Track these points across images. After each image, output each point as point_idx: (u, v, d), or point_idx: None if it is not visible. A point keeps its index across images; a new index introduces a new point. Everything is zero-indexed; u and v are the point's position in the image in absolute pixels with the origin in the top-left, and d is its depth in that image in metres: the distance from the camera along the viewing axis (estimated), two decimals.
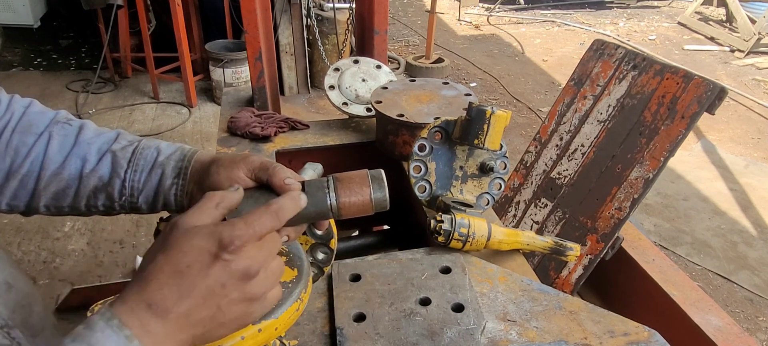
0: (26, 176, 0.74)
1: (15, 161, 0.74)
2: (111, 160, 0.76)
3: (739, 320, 2.93)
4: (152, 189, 0.77)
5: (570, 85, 1.85)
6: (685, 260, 3.37)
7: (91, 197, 0.77)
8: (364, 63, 1.82)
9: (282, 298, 0.64)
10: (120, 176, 0.76)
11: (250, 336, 0.60)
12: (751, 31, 6.99)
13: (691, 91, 1.47)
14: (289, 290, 0.65)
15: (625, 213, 1.53)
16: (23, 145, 0.74)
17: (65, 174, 0.75)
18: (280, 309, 0.63)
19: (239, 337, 0.60)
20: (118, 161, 0.76)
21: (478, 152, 1.25)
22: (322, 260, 0.91)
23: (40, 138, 0.75)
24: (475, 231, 1.12)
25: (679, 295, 1.40)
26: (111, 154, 0.77)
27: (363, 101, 1.73)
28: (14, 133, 0.74)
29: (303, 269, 0.70)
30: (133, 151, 0.78)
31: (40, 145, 0.75)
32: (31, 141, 0.74)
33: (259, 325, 0.61)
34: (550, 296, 1.03)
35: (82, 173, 0.76)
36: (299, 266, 0.70)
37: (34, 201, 0.76)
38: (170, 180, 0.76)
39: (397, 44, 7.42)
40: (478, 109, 1.13)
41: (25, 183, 0.75)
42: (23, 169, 0.74)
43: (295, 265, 0.70)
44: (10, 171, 0.74)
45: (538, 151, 1.88)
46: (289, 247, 0.73)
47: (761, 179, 4.31)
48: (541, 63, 6.87)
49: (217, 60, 4.85)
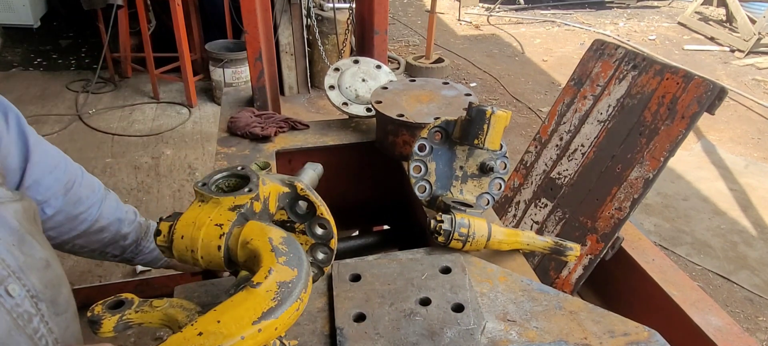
0: (80, 222, 1.02)
1: (77, 208, 1.00)
2: (136, 230, 1.14)
3: (739, 320, 2.93)
4: (153, 256, 1.18)
5: (570, 85, 1.85)
6: (685, 260, 3.37)
7: (111, 247, 1.10)
8: (364, 63, 1.82)
9: (282, 297, 0.64)
10: (137, 242, 1.14)
11: (249, 336, 0.60)
12: (751, 31, 6.99)
13: (691, 91, 1.47)
14: (289, 289, 0.65)
15: (625, 213, 1.53)
16: (86, 198, 1.02)
17: (109, 229, 1.07)
18: (280, 309, 0.63)
19: (239, 337, 0.59)
20: (139, 231, 1.14)
21: (478, 152, 1.25)
22: (322, 260, 0.91)
23: (97, 197, 1.05)
24: (475, 231, 1.12)
25: (679, 295, 1.40)
26: (137, 225, 1.14)
27: (363, 101, 1.73)
28: (81, 186, 1.02)
29: (302, 268, 0.70)
30: (148, 227, 1.17)
31: (96, 203, 1.05)
32: (92, 197, 1.04)
33: (258, 325, 0.61)
34: (550, 296, 1.03)
35: (119, 231, 1.10)
36: (299, 266, 0.70)
37: (72, 239, 1.03)
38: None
39: (397, 44, 7.42)
40: (478, 109, 1.13)
41: (77, 226, 1.02)
42: (81, 216, 1.01)
43: (294, 265, 0.70)
44: (71, 214, 1.00)
45: (538, 151, 1.88)
46: (288, 246, 0.73)
47: (761, 179, 4.31)
48: (541, 63, 6.87)
49: (217, 60, 4.85)
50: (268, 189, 0.85)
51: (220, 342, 0.58)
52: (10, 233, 0.72)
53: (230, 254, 0.75)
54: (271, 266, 0.68)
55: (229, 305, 0.63)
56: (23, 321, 0.69)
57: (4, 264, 0.68)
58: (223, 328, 0.60)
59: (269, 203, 0.86)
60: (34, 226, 0.80)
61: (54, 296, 0.77)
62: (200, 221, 0.76)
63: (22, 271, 0.71)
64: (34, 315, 0.71)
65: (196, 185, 0.81)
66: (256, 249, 0.72)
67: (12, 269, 0.69)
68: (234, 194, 0.79)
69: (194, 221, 0.76)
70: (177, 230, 0.76)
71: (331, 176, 1.59)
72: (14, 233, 0.73)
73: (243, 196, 0.78)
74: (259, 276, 0.66)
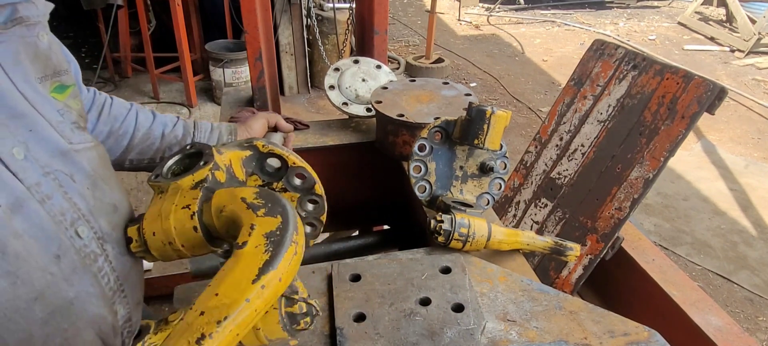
0: (122, 135, 1.06)
1: (114, 125, 1.05)
2: (183, 126, 1.15)
3: (739, 320, 2.93)
4: (214, 143, 1.14)
5: (570, 85, 1.85)
6: (685, 260, 3.37)
7: (167, 150, 1.12)
8: (364, 63, 1.82)
9: (274, 248, 0.60)
10: (190, 134, 1.14)
11: (254, 297, 0.57)
12: (751, 31, 6.99)
13: (691, 91, 1.47)
14: (278, 237, 0.62)
15: (625, 213, 1.53)
16: (120, 114, 1.07)
17: (153, 134, 1.10)
18: (276, 259, 0.59)
19: (244, 301, 0.56)
20: (187, 127, 1.15)
21: (478, 152, 1.25)
22: (313, 210, 0.86)
23: (130, 110, 1.09)
24: (475, 231, 1.12)
25: (679, 295, 1.40)
26: (182, 122, 1.15)
27: (363, 101, 1.73)
28: (112, 106, 1.06)
29: (286, 212, 0.65)
30: (194, 123, 1.18)
31: (131, 114, 1.09)
32: (124, 111, 1.08)
33: (260, 282, 0.57)
34: (550, 296, 1.03)
35: (164, 133, 1.11)
36: (281, 212, 0.65)
37: (124, 154, 1.08)
38: (226, 137, 1.18)
39: (397, 44, 7.42)
40: (478, 109, 1.13)
41: (121, 140, 1.06)
42: (121, 130, 1.06)
43: (275, 212, 0.65)
44: (110, 131, 1.04)
45: (538, 151, 1.88)
46: (264, 198, 0.68)
47: (761, 179, 4.31)
48: (541, 63, 6.87)
49: (217, 60, 4.85)
50: (227, 157, 0.81)
51: (226, 313, 0.55)
52: (85, 177, 0.77)
53: (209, 230, 0.72)
54: (251, 222, 0.64)
55: (221, 276, 0.59)
56: (89, 260, 0.74)
57: (76, 208, 0.73)
58: (224, 298, 0.56)
59: (234, 170, 0.82)
60: (107, 171, 0.84)
61: (120, 237, 0.81)
62: (165, 211, 0.73)
63: (91, 214, 0.76)
64: (99, 255, 0.76)
65: (149, 179, 0.79)
66: (232, 212, 0.69)
67: (82, 212, 0.74)
68: (190, 172, 0.75)
69: (159, 213, 0.74)
70: (146, 229, 0.74)
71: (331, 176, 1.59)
72: (88, 177, 0.77)
73: (200, 170, 0.75)
74: (243, 236, 0.63)
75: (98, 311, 0.76)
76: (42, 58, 0.75)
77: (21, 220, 0.65)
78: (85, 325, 0.74)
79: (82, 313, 0.73)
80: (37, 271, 0.66)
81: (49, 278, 0.68)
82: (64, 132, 0.75)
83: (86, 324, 0.74)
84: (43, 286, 0.67)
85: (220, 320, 0.54)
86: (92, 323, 0.75)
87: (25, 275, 0.65)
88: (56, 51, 0.80)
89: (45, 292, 0.68)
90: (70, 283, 0.71)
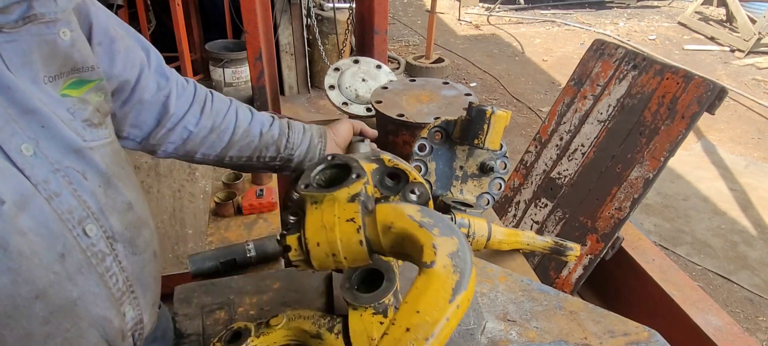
0: (224, 131, 1.05)
1: (216, 120, 1.04)
2: (279, 126, 1.12)
3: (739, 320, 2.93)
4: (306, 145, 1.13)
5: (570, 85, 1.85)
6: (685, 260, 3.37)
7: (264, 149, 1.10)
8: (364, 63, 1.82)
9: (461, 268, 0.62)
10: (285, 135, 1.12)
11: (452, 316, 0.60)
12: (751, 31, 6.99)
13: (691, 91, 1.47)
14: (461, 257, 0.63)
15: (625, 213, 1.53)
16: (221, 110, 1.05)
17: (252, 132, 1.08)
18: (465, 280, 0.62)
19: (444, 319, 0.59)
20: (282, 128, 1.12)
21: (478, 152, 1.25)
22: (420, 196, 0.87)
23: (231, 106, 1.08)
24: (476, 231, 1.12)
25: (679, 295, 1.40)
26: (278, 122, 1.13)
27: (363, 101, 1.73)
28: (214, 102, 1.05)
29: (457, 233, 0.67)
30: (288, 122, 1.15)
31: (232, 110, 1.07)
32: (225, 107, 1.06)
33: (455, 302, 0.60)
34: (550, 296, 1.03)
35: (262, 131, 1.09)
36: (454, 232, 0.67)
37: (225, 151, 1.07)
38: (316, 140, 1.15)
39: (397, 44, 7.42)
40: (479, 109, 1.13)
41: (222, 136, 1.05)
42: (222, 126, 1.04)
43: (449, 232, 0.66)
44: (213, 126, 1.03)
45: (538, 151, 1.88)
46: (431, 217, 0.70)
47: (761, 179, 4.31)
48: (541, 63, 6.87)
49: (217, 60, 4.85)
50: (367, 169, 0.82)
51: (431, 331, 0.58)
52: (98, 175, 0.76)
53: (373, 245, 0.73)
54: (432, 242, 0.65)
55: (417, 294, 0.61)
56: (96, 260, 0.73)
57: (86, 206, 0.72)
58: (427, 316, 0.59)
59: None
60: (123, 169, 0.83)
61: (133, 237, 0.81)
62: (329, 223, 0.72)
63: (102, 212, 0.75)
64: (107, 255, 0.75)
65: (299, 188, 0.77)
66: (404, 230, 0.69)
67: (92, 210, 0.73)
68: (345, 185, 0.75)
69: (323, 225, 0.73)
70: (309, 240, 0.73)
71: None
72: (101, 175, 0.76)
73: (355, 183, 0.75)
74: (427, 255, 0.64)
75: (103, 312, 0.75)
76: (60, 56, 0.73)
77: (27, 217, 0.65)
78: (89, 326, 0.73)
79: (86, 313, 0.72)
80: (39, 269, 0.66)
81: (52, 277, 0.67)
82: (77, 129, 0.74)
83: (90, 325, 0.73)
84: (45, 284, 0.67)
85: (428, 338, 0.58)
86: (96, 323, 0.74)
87: (27, 272, 0.64)
88: (81, 48, 0.77)
89: (47, 291, 0.67)
90: (74, 282, 0.70)
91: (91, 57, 0.78)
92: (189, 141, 1.02)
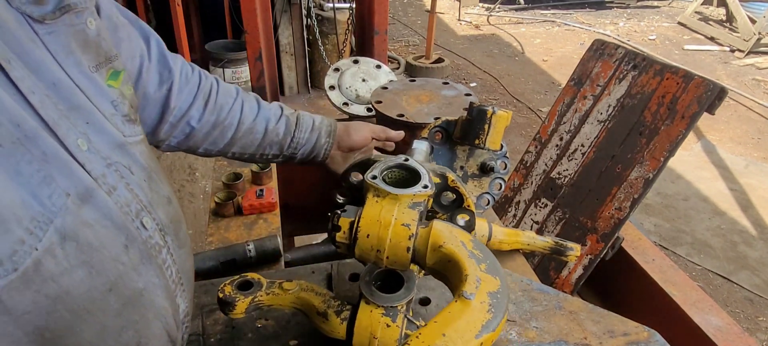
0: (227, 127, 1.04)
1: (219, 115, 1.03)
2: (285, 123, 1.10)
3: (739, 320, 2.93)
4: (311, 145, 1.12)
5: (570, 85, 1.85)
6: (685, 260, 3.37)
7: (268, 147, 1.10)
8: (364, 63, 1.82)
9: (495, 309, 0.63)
10: (291, 133, 1.10)
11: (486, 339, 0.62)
12: (751, 31, 6.99)
13: (691, 91, 1.47)
14: (498, 299, 0.65)
15: (625, 213, 1.53)
16: (226, 104, 1.04)
17: (256, 129, 1.07)
18: (495, 321, 0.63)
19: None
20: (289, 124, 1.10)
21: (478, 152, 1.25)
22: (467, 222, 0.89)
23: (236, 99, 1.06)
24: (476, 231, 1.12)
25: (679, 295, 1.40)
26: (285, 118, 1.10)
27: (363, 101, 1.73)
28: (219, 94, 1.03)
29: (502, 276, 0.69)
30: (297, 118, 1.12)
31: (237, 103, 1.05)
32: (231, 100, 1.05)
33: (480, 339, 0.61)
34: (550, 296, 1.03)
35: (267, 128, 1.08)
36: (499, 273, 0.68)
37: (228, 147, 1.06)
38: (324, 139, 1.13)
39: (397, 44, 7.42)
40: (479, 109, 1.13)
41: (225, 132, 1.04)
42: (226, 122, 1.03)
43: (494, 272, 0.68)
44: (216, 122, 1.02)
45: (538, 151, 1.88)
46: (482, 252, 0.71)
47: (761, 179, 4.31)
48: (541, 63, 6.87)
49: (217, 60, 4.85)
50: None
51: None
52: (141, 169, 0.76)
53: (417, 256, 0.73)
54: (477, 275, 0.67)
55: (449, 319, 0.63)
56: (154, 252, 0.73)
57: (138, 199, 0.72)
58: (449, 341, 0.60)
59: None
60: (157, 164, 0.83)
61: (176, 230, 0.81)
62: (385, 220, 0.73)
63: (151, 205, 0.75)
64: (162, 247, 0.75)
65: (367, 177, 0.78)
66: (452, 255, 0.70)
67: (144, 203, 0.73)
68: (411, 190, 0.76)
69: (379, 220, 0.73)
70: (362, 229, 0.73)
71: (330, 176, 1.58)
72: (144, 170, 0.76)
73: (421, 193, 0.76)
74: (469, 286, 0.65)
75: (164, 303, 0.75)
76: (93, 46, 0.72)
77: (91, 209, 0.64)
78: (154, 317, 0.73)
79: (151, 305, 0.72)
80: (109, 261, 0.65)
81: (120, 268, 0.67)
82: (117, 125, 0.73)
83: (154, 316, 0.73)
84: (115, 276, 0.66)
85: None
86: (159, 315, 0.74)
87: (99, 264, 0.64)
88: (106, 37, 0.76)
89: (117, 282, 0.66)
90: (138, 273, 0.70)
91: (113, 47, 0.78)
92: (192, 136, 1.02)
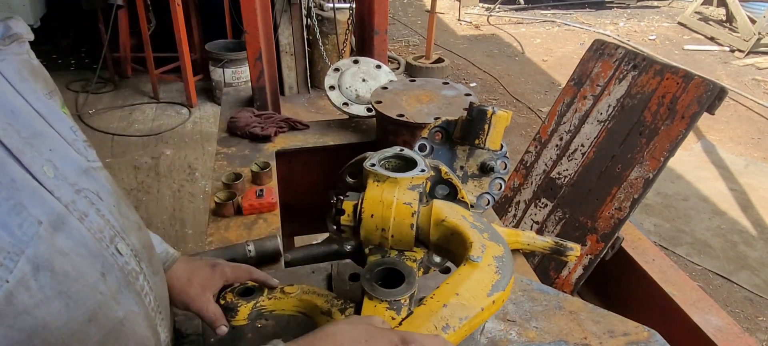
0: None
1: None
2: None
3: (739, 320, 2.93)
4: None
5: (570, 85, 1.85)
6: (685, 260, 3.37)
7: None
8: (364, 63, 1.82)
9: (503, 271, 0.67)
10: None
11: (486, 308, 0.65)
12: (751, 31, 6.99)
13: (691, 91, 1.47)
14: (504, 262, 0.69)
15: (625, 213, 1.53)
16: None
17: None
18: (504, 281, 0.67)
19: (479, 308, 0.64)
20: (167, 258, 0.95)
21: (478, 152, 1.25)
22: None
23: None
24: None
25: (679, 295, 1.40)
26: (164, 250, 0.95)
27: (363, 101, 1.73)
28: None
29: (504, 243, 0.72)
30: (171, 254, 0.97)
31: None
32: None
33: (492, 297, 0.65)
34: (550, 296, 1.03)
35: None
36: (502, 241, 0.72)
37: None
38: None
39: (397, 44, 7.42)
40: (480, 109, 1.13)
41: None
42: None
43: (497, 240, 0.72)
44: None
45: (538, 151, 1.88)
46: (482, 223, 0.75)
47: (761, 179, 4.31)
48: (541, 63, 6.87)
49: (217, 60, 4.85)
50: None
51: (466, 313, 0.63)
52: (109, 195, 0.74)
53: (421, 233, 0.76)
54: (481, 242, 0.70)
55: (459, 280, 0.66)
56: (132, 278, 0.71)
57: (110, 224, 0.70)
58: (463, 300, 0.64)
59: None
60: (121, 191, 0.81)
61: (149, 256, 0.79)
62: (388, 200, 0.76)
63: (124, 231, 0.73)
64: (139, 273, 0.73)
65: (366, 164, 0.82)
66: (456, 226, 0.74)
67: (116, 229, 0.71)
68: (410, 173, 0.80)
69: (382, 200, 0.76)
70: (365, 210, 0.76)
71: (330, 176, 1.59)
72: (112, 195, 0.74)
73: (420, 176, 0.80)
74: (476, 251, 0.69)
75: (146, 332, 0.73)
76: (40, 75, 0.71)
77: (64, 237, 0.62)
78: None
79: (132, 334, 0.70)
80: (87, 290, 0.63)
81: (99, 298, 0.64)
82: (80, 149, 0.71)
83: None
84: (94, 306, 0.64)
85: (462, 318, 0.64)
86: (141, 345, 0.72)
87: (77, 294, 0.61)
88: (45, 71, 0.75)
89: (97, 312, 0.64)
90: (118, 302, 0.67)
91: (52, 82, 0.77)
92: None
